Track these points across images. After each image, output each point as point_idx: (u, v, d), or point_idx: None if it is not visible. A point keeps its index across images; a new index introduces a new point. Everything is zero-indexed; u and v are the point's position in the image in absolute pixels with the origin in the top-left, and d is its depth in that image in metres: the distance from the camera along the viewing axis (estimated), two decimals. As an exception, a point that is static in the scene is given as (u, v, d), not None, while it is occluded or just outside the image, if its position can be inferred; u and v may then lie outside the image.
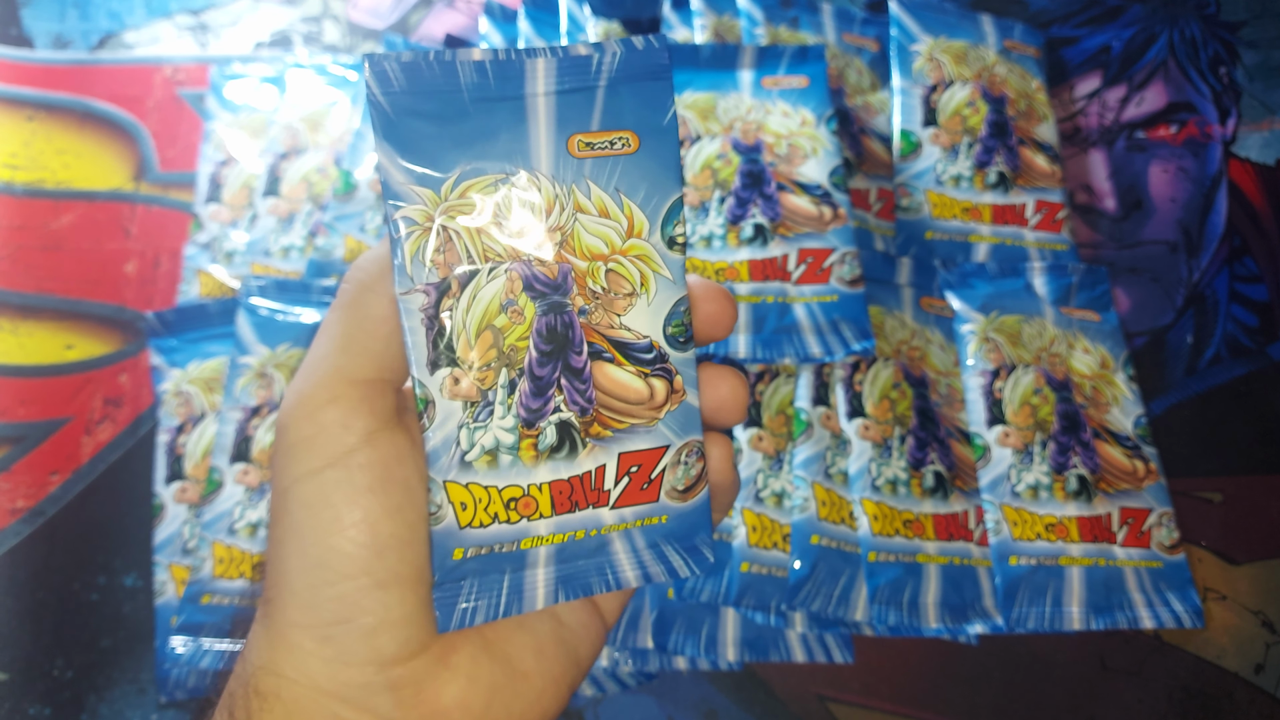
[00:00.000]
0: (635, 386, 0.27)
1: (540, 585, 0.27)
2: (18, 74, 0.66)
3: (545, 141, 0.26)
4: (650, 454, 0.28)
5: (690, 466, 0.28)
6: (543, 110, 0.26)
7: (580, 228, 0.27)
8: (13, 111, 0.65)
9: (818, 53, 0.58)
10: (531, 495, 0.27)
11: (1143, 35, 0.65)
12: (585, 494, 0.27)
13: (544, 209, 0.26)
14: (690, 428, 0.28)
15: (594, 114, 0.26)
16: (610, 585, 0.28)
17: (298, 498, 0.24)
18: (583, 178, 0.27)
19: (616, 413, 0.27)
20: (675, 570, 0.28)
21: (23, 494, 0.55)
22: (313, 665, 0.24)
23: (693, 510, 0.29)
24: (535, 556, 0.27)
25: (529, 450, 0.26)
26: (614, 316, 0.27)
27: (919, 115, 0.60)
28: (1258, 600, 0.51)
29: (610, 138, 0.27)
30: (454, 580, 0.26)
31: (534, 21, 0.62)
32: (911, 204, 0.59)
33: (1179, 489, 0.53)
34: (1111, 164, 0.62)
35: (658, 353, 0.28)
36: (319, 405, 0.24)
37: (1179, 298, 0.59)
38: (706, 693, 0.50)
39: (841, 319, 0.51)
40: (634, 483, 0.28)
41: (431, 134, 0.25)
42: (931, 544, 0.49)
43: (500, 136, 0.26)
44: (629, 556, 0.28)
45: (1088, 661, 0.50)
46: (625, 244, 0.27)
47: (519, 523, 0.26)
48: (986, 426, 0.52)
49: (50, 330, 0.59)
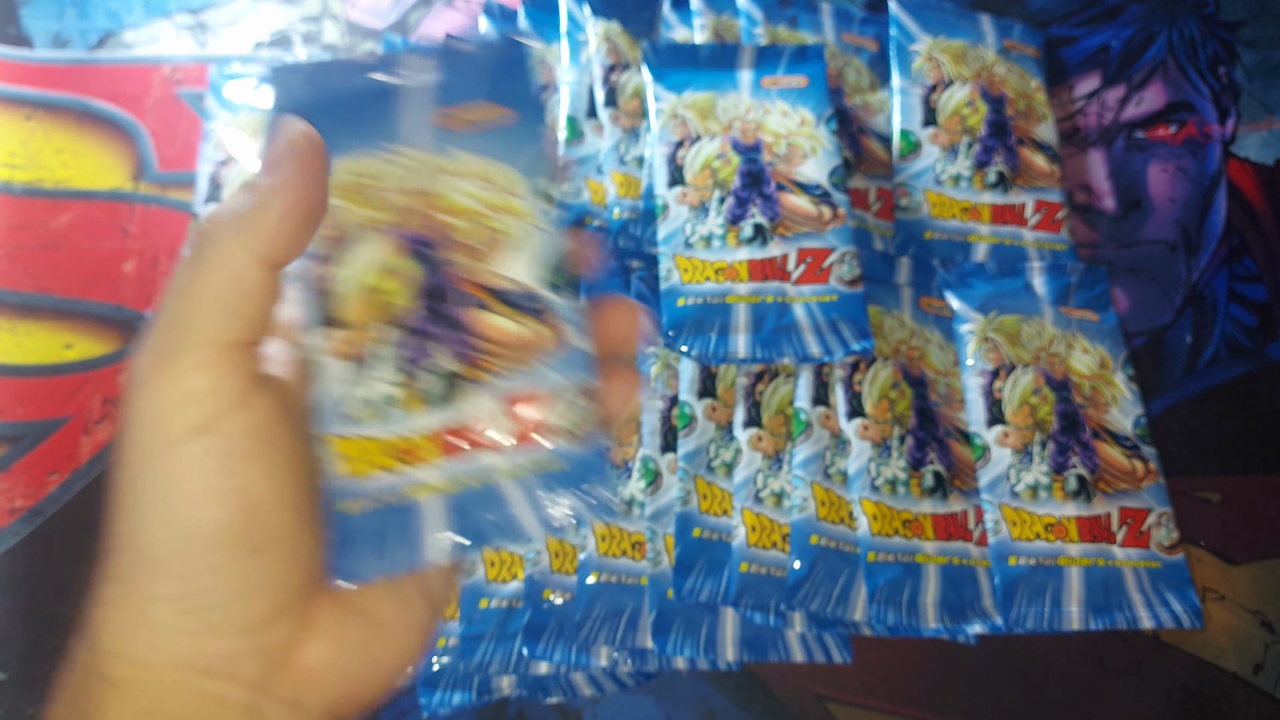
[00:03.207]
0: (515, 333, 0.29)
1: (432, 537, 0.27)
2: (17, 73, 0.66)
3: (416, 119, 0.29)
4: (535, 396, 0.29)
5: (582, 410, 0.29)
6: (414, 94, 0.29)
7: (452, 189, 0.29)
8: (12, 111, 0.65)
9: (817, 52, 0.58)
10: (418, 444, 0.27)
11: (1142, 35, 0.65)
12: (471, 439, 0.28)
13: (416, 175, 0.29)
14: (578, 370, 0.29)
15: (460, 93, 0.30)
16: (509, 536, 0.28)
17: (164, 469, 0.23)
18: (452, 146, 0.29)
19: (499, 359, 0.29)
20: (580, 517, 0.29)
21: (21, 493, 0.55)
22: (175, 641, 0.23)
23: (589, 455, 0.29)
24: (425, 508, 0.27)
25: (413, 400, 0.27)
26: (490, 268, 0.29)
27: (918, 115, 0.60)
28: (1256, 600, 0.51)
29: (476, 112, 0.30)
30: (348, 533, 0.27)
31: (533, 21, 0.62)
32: (911, 204, 0.59)
33: (1178, 489, 0.53)
34: (1110, 164, 0.62)
35: (537, 299, 0.29)
36: (186, 371, 0.23)
37: (1178, 297, 0.59)
38: (705, 692, 0.50)
39: (841, 318, 0.51)
40: (520, 427, 0.28)
41: (316, 125, 0.28)
42: (930, 544, 0.49)
43: (374, 119, 0.29)
44: (527, 505, 0.28)
45: (1087, 661, 0.50)
46: (498, 200, 0.29)
47: (404, 471, 0.27)
48: (986, 426, 0.52)
49: (49, 330, 0.59)
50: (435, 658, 0.47)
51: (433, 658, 0.47)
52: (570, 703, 0.50)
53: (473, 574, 0.48)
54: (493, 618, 0.48)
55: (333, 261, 0.27)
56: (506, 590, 0.48)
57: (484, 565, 0.48)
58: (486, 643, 0.47)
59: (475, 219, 0.29)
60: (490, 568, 0.48)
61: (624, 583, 0.48)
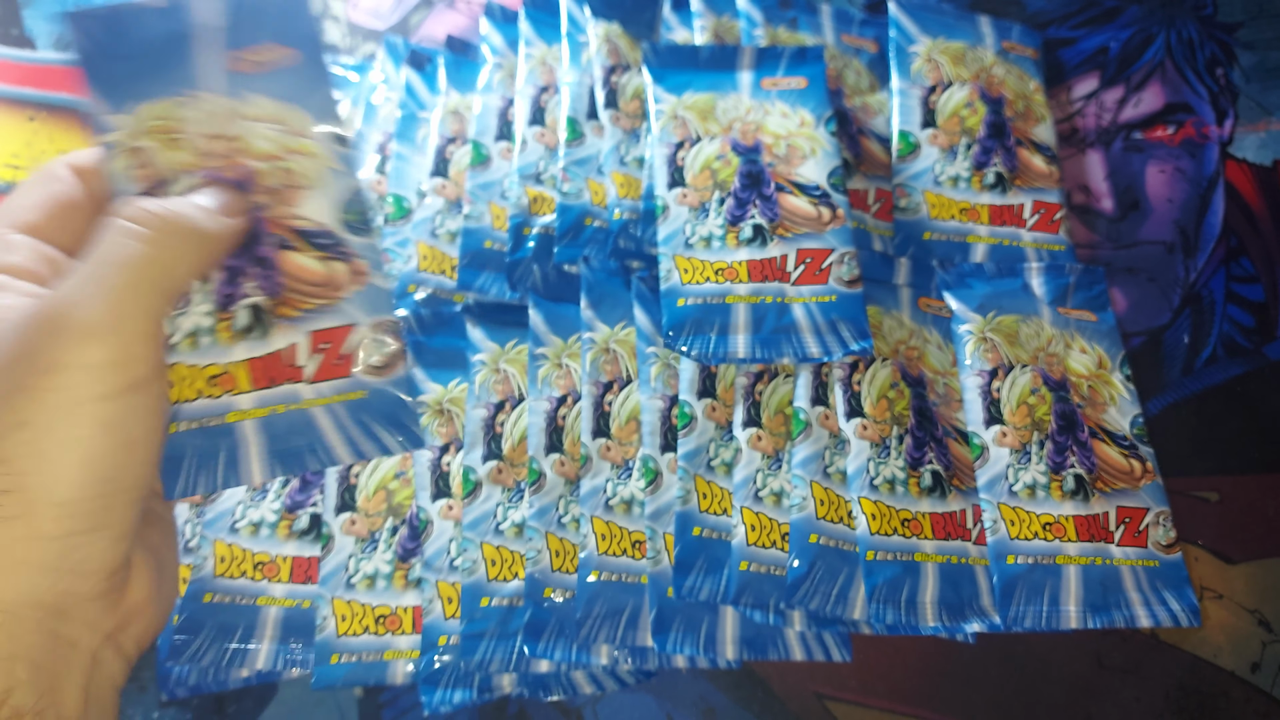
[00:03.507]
0: (316, 269, 0.31)
1: (254, 460, 0.30)
2: (19, 74, 0.66)
3: (209, 64, 0.31)
4: (338, 331, 0.31)
5: (384, 344, 0.31)
6: (204, 39, 0.31)
7: (251, 133, 0.31)
8: (14, 112, 0.65)
9: (816, 54, 0.58)
10: (230, 372, 0.30)
11: (1140, 36, 0.66)
12: (280, 370, 0.30)
13: (218, 120, 0.31)
14: (379, 307, 0.31)
15: (247, 35, 0.32)
16: (325, 462, 0.30)
17: (97, 416, 0.25)
18: (245, 90, 0.31)
19: (303, 295, 0.31)
20: (387, 447, 0.31)
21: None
22: (40, 580, 0.24)
23: (392, 386, 0.31)
24: (243, 431, 0.30)
25: (225, 332, 0.30)
26: (291, 208, 0.31)
27: (917, 116, 0.61)
28: (1254, 599, 0.52)
29: (263, 54, 0.32)
30: (175, 452, 0.29)
31: (534, 22, 0.63)
32: (910, 204, 0.59)
33: (1176, 488, 0.53)
34: (1109, 165, 0.62)
35: (335, 238, 0.31)
36: (135, 335, 0.26)
37: (1175, 298, 0.59)
38: (705, 690, 0.50)
39: (840, 319, 0.52)
40: (327, 358, 0.31)
41: (119, 70, 0.30)
42: (929, 543, 0.50)
43: (174, 65, 0.31)
44: (338, 434, 0.30)
45: (1085, 660, 0.51)
46: (292, 143, 0.32)
47: (221, 397, 0.30)
48: (984, 426, 0.52)
49: (52, 330, 0.59)
50: (436, 656, 0.48)
51: (434, 656, 0.48)
52: (571, 701, 0.50)
53: (474, 572, 0.48)
54: (493, 616, 0.48)
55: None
56: (507, 589, 0.49)
57: (485, 564, 0.49)
58: (487, 641, 0.47)
59: (273, 161, 0.31)
60: (491, 567, 0.49)
61: (624, 581, 0.48)
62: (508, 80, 0.62)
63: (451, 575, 0.49)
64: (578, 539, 0.49)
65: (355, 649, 0.48)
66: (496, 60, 0.62)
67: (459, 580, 0.49)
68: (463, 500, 0.50)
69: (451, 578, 0.49)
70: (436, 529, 0.49)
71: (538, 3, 0.63)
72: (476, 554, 0.49)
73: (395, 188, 0.59)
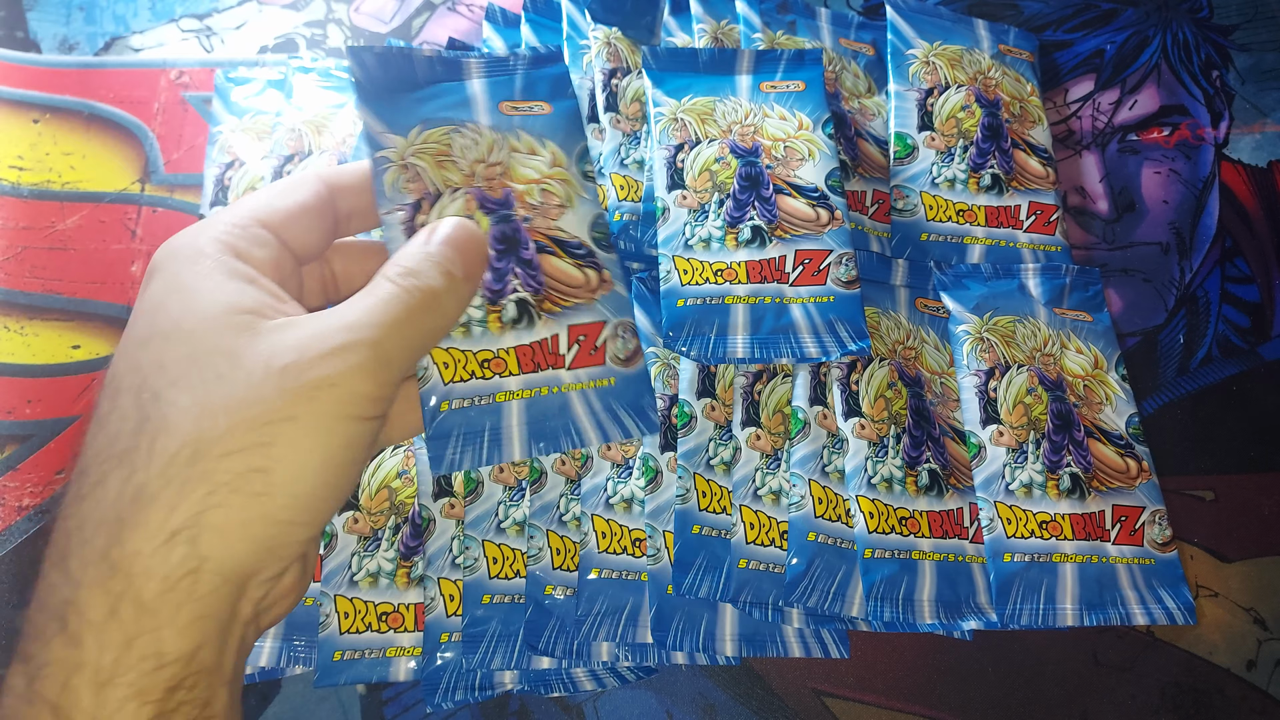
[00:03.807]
0: (573, 273, 0.36)
1: (515, 438, 0.34)
2: (24, 77, 0.67)
3: (483, 105, 0.37)
4: (593, 326, 0.35)
5: (626, 341, 0.36)
6: (479, 86, 0.37)
7: (516, 161, 0.36)
8: (19, 114, 0.65)
9: (814, 57, 0.59)
10: (500, 357, 0.34)
11: (1135, 39, 0.66)
12: (545, 356, 0.35)
13: (487, 148, 0.36)
14: (622, 310, 0.36)
15: (516, 89, 0.37)
16: (575, 443, 0.34)
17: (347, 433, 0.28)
18: (514, 129, 0.37)
19: (562, 293, 0.35)
20: (627, 430, 0.35)
21: (29, 492, 0.56)
22: (252, 556, 0.27)
23: (635, 376, 0.36)
24: (509, 410, 0.34)
25: (495, 322, 0.34)
26: (550, 221, 0.36)
27: (914, 119, 0.61)
28: (1249, 597, 0.52)
29: (530, 104, 0.37)
30: (443, 430, 0.33)
31: (535, 26, 0.63)
32: (907, 206, 0.59)
33: (1171, 487, 0.54)
34: (1104, 166, 0.63)
35: (587, 249, 0.36)
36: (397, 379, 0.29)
37: (1171, 298, 0.59)
38: (704, 687, 0.51)
39: (838, 319, 0.52)
40: (583, 349, 0.35)
41: (397, 99, 0.35)
42: (926, 541, 0.50)
43: (450, 102, 0.36)
44: (588, 417, 0.35)
45: (1081, 657, 0.51)
46: (551, 171, 0.37)
47: (492, 379, 0.33)
48: (981, 425, 0.53)
49: (56, 330, 0.60)
50: (439, 654, 0.48)
51: (436, 653, 0.48)
52: (571, 698, 0.50)
53: (476, 570, 0.49)
54: (495, 614, 0.48)
55: (423, 211, 0.34)
56: (509, 586, 0.49)
57: (486, 562, 0.49)
58: (489, 638, 0.48)
59: (536, 185, 0.36)
60: (493, 564, 0.49)
61: (625, 579, 0.49)
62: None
63: (453, 573, 0.49)
64: (578, 537, 0.50)
65: (358, 646, 0.49)
66: (498, 63, 0.63)
67: (461, 578, 0.49)
68: (464, 499, 0.50)
69: (453, 575, 0.49)
70: (438, 527, 0.50)
71: (539, 7, 0.64)
72: (478, 552, 0.49)
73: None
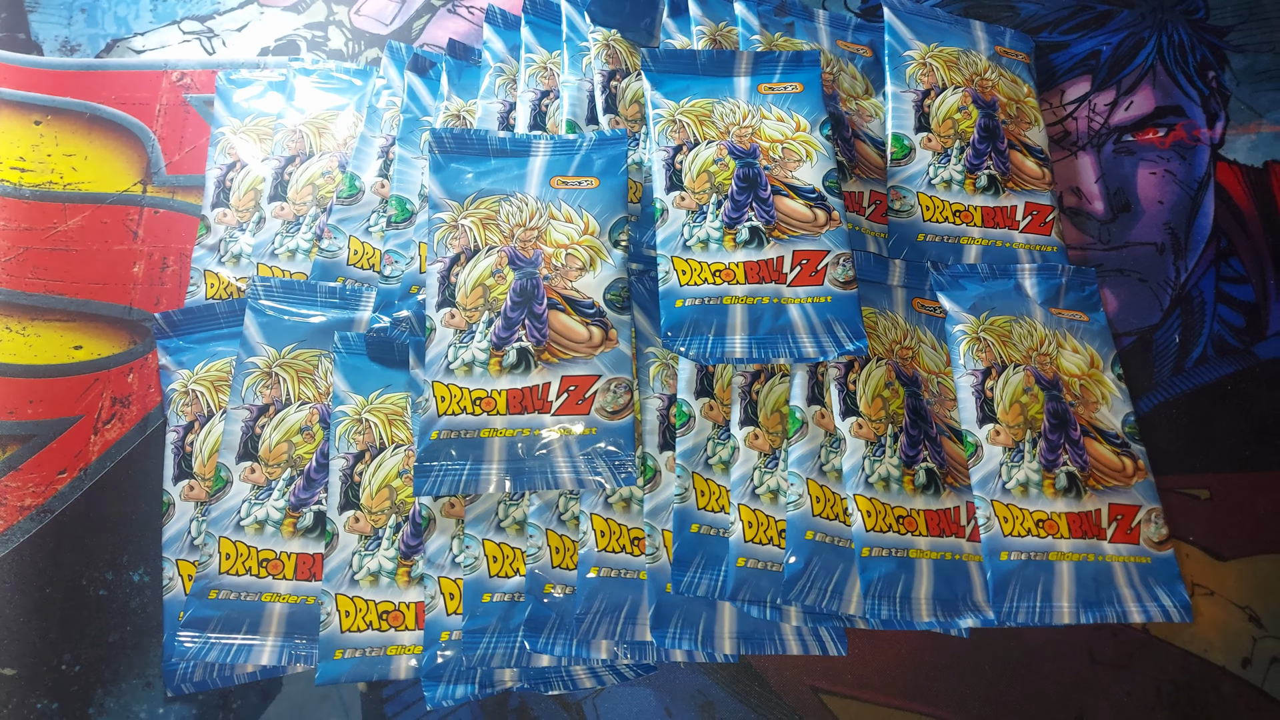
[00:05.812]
0: (578, 330, 0.41)
1: (493, 475, 0.40)
2: (26, 79, 0.67)
3: (536, 179, 0.44)
4: (585, 379, 0.41)
5: (618, 395, 0.42)
6: (538, 164, 0.44)
7: (551, 227, 0.43)
8: (22, 115, 0.66)
9: (812, 59, 0.59)
10: (492, 396, 0.39)
11: (1131, 40, 0.66)
12: (533, 401, 0.40)
13: (529, 215, 0.43)
14: (620, 368, 0.42)
15: (572, 166, 0.45)
16: (550, 485, 0.40)
17: None
18: (557, 199, 0.44)
19: (563, 346, 0.41)
20: (602, 482, 0.41)
21: (31, 491, 0.56)
22: None
23: (619, 430, 0.42)
24: (491, 447, 0.40)
25: (495, 366, 0.39)
26: (568, 282, 0.42)
27: (911, 120, 0.61)
28: (1244, 595, 0.52)
29: (580, 179, 0.45)
30: (430, 456, 0.39)
31: (534, 29, 0.63)
32: (904, 207, 0.60)
33: (1167, 486, 0.54)
34: (1100, 167, 0.63)
35: (598, 309, 0.42)
36: None
37: (1166, 298, 0.60)
38: (703, 684, 0.51)
39: (835, 319, 0.52)
40: (571, 398, 0.40)
41: (462, 173, 0.44)
42: (923, 539, 0.50)
43: (507, 176, 0.44)
44: (566, 463, 0.40)
45: (1077, 655, 0.51)
46: (581, 238, 0.43)
47: (480, 415, 0.39)
48: (977, 425, 0.53)
49: (58, 330, 0.60)
50: (439, 651, 0.48)
51: (437, 651, 0.48)
52: (571, 695, 0.51)
53: (476, 568, 0.49)
54: (495, 612, 0.49)
55: (460, 264, 0.41)
56: (509, 585, 0.49)
57: (486, 560, 0.49)
58: (489, 636, 0.48)
59: (565, 249, 0.43)
60: (493, 563, 0.49)
61: (624, 577, 0.49)
62: (509, 85, 0.63)
63: (454, 572, 0.50)
64: (577, 536, 0.50)
65: (359, 644, 0.49)
66: (498, 65, 0.63)
67: (461, 576, 0.49)
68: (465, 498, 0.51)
69: (454, 574, 0.49)
70: (439, 526, 0.50)
71: (539, 9, 0.64)
72: (478, 550, 0.49)
73: (398, 190, 0.59)
